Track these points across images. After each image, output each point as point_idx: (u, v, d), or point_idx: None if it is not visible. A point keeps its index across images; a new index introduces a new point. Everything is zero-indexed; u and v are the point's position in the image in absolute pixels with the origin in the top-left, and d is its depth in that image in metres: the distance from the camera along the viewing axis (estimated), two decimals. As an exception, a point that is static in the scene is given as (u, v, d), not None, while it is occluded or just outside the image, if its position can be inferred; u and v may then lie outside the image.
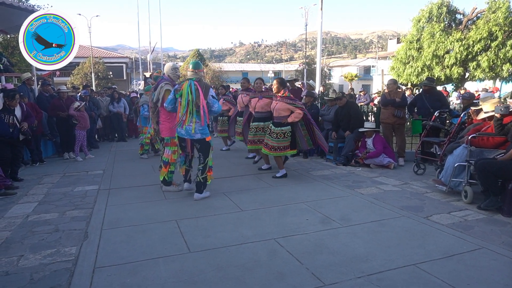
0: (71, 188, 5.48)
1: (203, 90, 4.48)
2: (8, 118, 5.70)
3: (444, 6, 16.37)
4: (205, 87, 4.56)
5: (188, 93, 4.45)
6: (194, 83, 4.49)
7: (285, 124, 5.59)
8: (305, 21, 31.28)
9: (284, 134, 5.61)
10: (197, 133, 4.53)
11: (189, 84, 4.48)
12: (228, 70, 48.77)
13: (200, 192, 4.70)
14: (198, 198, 4.66)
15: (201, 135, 4.57)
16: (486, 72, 15.39)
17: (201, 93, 4.45)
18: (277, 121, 5.66)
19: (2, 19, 8.58)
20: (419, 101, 6.94)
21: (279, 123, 5.63)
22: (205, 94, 4.50)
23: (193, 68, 4.68)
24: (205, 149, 4.68)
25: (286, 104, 5.57)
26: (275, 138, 5.63)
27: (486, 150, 4.47)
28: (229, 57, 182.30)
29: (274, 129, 5.66)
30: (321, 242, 3.35)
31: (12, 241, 3.50)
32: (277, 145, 5.63)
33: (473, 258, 2.99)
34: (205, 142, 4.63)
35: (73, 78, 31.06)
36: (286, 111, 5.58)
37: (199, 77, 4.64)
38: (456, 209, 4.22)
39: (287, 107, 5.57)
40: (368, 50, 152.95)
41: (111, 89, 11.61)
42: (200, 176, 4.64)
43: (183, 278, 2.74)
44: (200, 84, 4.53)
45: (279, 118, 5.64)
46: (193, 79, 4.55)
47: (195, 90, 4.45)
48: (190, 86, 4.46)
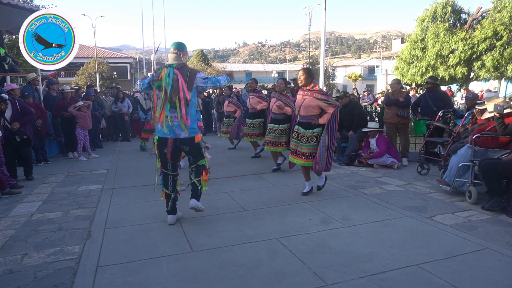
0: (75, 187, 5.52)
1: (186, 80, 3.56)
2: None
3: (449, 6, 16.31)
4: (189, 75, 3.60)
5: (167, 83, 3.56)
6: (174, 71, 3.56)
7: (316, 126, 4.54)
8: (309, 21, 31.26)
9: (317, 137, 4.54)
10: (182, 131, 3.62)
11: (167, 73, 3.57)
12: (232, 70, 48.81)
13: (196, 197, 3.80)
14: (194, 206, 3.76)
15: (190, 133, 3.65)
16: (491, 72, 15.30)
17: (181, 84, 3.53)
18: (305, 122, 4.59)
19: (7, 20, 8.65)
20: (423, 100, 6.91)
21: (308, 124, 4.56)
22: (189, 84, 3.58)
23: (175, 48, 3.66)
24: (194, 151, 3.75)
25: (317, 100, 4.49)
26: (306, 142, 4.56)
27: (490, 150, 4.44)
28: (233, 57, 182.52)
29: (304, 132, 4.59)
30: (324, 242, 3.34)
31: (16, 239, 3.52)
32: (309, 151, 4.56)
33: (476, 258, 2.97)
34: (193, 142, 3.68)
35: (77, 78, 31.27)
36: (317, 108, 4.54)
37: (182, 63, 3.65)
38: (460, 209, 4.20)
39: (317, 104, 4.51)
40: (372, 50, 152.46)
41: (116, 89, 11.66)
42: (194, 178, 3.79)
43: (186, 277, 2.75)
44: (182, 71, 3.59)
45: (307, 118, 4.56)
46: (174, 65, 3.61)
47: (173, 81, 3.54)
48: (169, 75, 3.56)
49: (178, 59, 3.64)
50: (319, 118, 4.53)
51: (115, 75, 33.91)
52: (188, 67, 3.68)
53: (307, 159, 4.58)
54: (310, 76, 4.63)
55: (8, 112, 5.85)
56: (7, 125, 5.77)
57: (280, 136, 5.99)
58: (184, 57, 3.67)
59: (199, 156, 3.78)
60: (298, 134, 4.67)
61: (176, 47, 3.66)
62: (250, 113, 7.38)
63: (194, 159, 3.78)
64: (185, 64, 3.68)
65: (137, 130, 11.98)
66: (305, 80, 4.60)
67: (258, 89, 8.00)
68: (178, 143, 3.68)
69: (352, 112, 6.89)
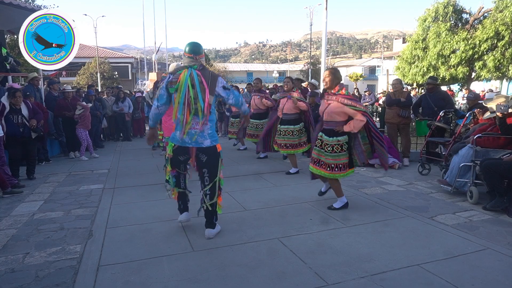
0: (76, 187, 5.53)
1: (208, 82, 3.23)
2: (16, 118, 5.78)
3: (450, 6, 16.27)
4: (211, 78, 3.27)
5: (188, 86, 3.20)
6: (196, 73, 3.23)
7: (341, 134, 4.08)
8: (310, 21, 31.25)
9: (342, 147, 4.08)
10: (206, 138, 3.29)
11: (189, 74, 3.21)
12: (233, 70, 48.90)
13: (212, 226, 3.45)
14: (211, 236, 3.42)
15: (211, 142, 3.31)
16: (492, 72, 15.27)
17: (205, 85, 3.21)
18: (329, 128, 4.13)
19: (9, 20, 8.67)
20: (423, 101, 6.90)
21: (332, 131, 4.11)
22: (211, 87, 3.25)
23: (190, 52, 3.31)
24: (213, 162, 3.35)
25: (343, 105, 4.01)
26: (331, 152, 4.09)
27: (492, 150, 4.44)
28: (234, 57, 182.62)
29: (327, 139, 4.13)
30: (325, 241, 3.34)
31: (18, 238, 3.53)
32: (334, 162, 4.09)
33: (478, 258, 2.97)
34: (215, 152, 3.35)
35: (79, 78, 31.32)
36: (342, 115, 4.05)
37: (202, 64, 3.33)
38: (461, 209, 4.20)
39: (343, 110, 4.02)
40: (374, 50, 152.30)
41: (117, 89, 11.68)
42: (208, 202, 3.38)
43: (187, 276, 2.75)
44: (203, 73, 3.25)
45: (330, 124, 4.11)
46: (194, 66, 3.26)
47: (198, 82, 3.21)
48: (191, 77, 3.21)
49: (195, 61, 3.30)
50: (344, 125, 4.06)
51: (116, 75, 33.96)
52: (209, 70, 3.37)
53: (332, 170, 4.11)
54: (336, 78, 4.13)
55: (24, 110, 5.98)
56: (26, 122, 5.88)
57: (300, 136, 5.93)
58: (200, 59, 3.33)
59: (216, 169, 3.37)
60: (322, 142, 4.18)
61: (191, 50, 3.32)
62: (255, 113, 7.36)
63: (210, 173, 3.35)
64: (204, 67, 3.33)
65: (138, 130, 12.01)
66: (330, 82, 4.11)
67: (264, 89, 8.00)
68: (198, 153, 3.33)
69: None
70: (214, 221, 3.47)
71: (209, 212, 3.42)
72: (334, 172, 4.11)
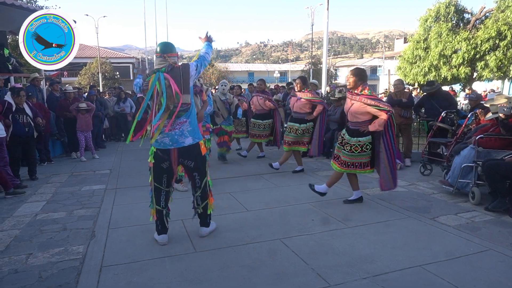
0: (79, 187, 5.54)
1: (180, 82, 3.11)
2: (22, 118, 5.81)
3: (452, 5, 16.24)
4: (182, 75, 3.14)
5: (156, 90, 3.07)
6: (164, 76, 3.08)
7: (365, 134, 4.15)
8: (311, 21, 31.24)
9: (362, 147, 4.17)
10: (186, 137, 3.20)
11: (156, 79, 3.09)
12: (234, 70, 48.93)
13: (206, 225, 3.51)
14: (205, 234, 3.50)
15: (193, 139, 3.23)
16: (494, 72, 15.24)
17: (173, 85, 3.05)
18: (353, 128, 4.22)
19: (11, 21, 8.69)
20: (427, 103, 6.88)
21: (356, 132, 4.19)
22: (185, 86, 3.14)
23: (159, 51, 3.23)
24: (200, 163, 3.34)
25: (366, 105, 4.07)
26: (348, 151, 4.23)
27: (493, 150, 4.43)
28: (235, 57, 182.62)
29: (348, 139, 4.25)
30: (327, 242, 3.35)
31: (21, 239, 3.55)
32: (349, 161, 4.25)
33: (480, 259, 2.97)
34: (199, 150, 3.29)
35: (80, 78, 31.36)
36: (366, 115, 4.12)
37: (170, 64, 3.17)
38: (463, 210, 4.19)
39: (366, 110, 4.09)
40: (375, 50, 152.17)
41: (118, 89, 11.70)
42: (201, 205, 3.42)
43: (189, 277, 2.76)
44: (172, 74, 3.11)
45: (354, 124, 4.20)
46: (162, 69, 3.13)
47: (165, 86, 3.06)
48: (158, 82, 3.08)
49: (164, 61, 3.20)
50: (368, 125, 4.11)
51: (118, 75, 33.99)
52: (179, 66, 3.19)
53: (343, 166, 4.29)
54: (360, 79, 4.16)
55: (27, 110, 6.03)
56: (31, 122, 5.94)
57: (303, 135, 5.95)
58: (170, 58, 3.21)
59: (204, 171, 3.38)
60: (343, 140, 4.34)
61: (160, 49, 3.23)
62: (258, 114, 7.37)
63: (201, 176, 3.36)
64: (175, 65, 3.19)
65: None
66: (353, 83, 4.15)
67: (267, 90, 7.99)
68: (182, 157, 3.26)
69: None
70: (208, 220, 3.52)
71: (202, 213, 3.48)
72: (348, 168, 4.27)
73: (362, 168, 4.26)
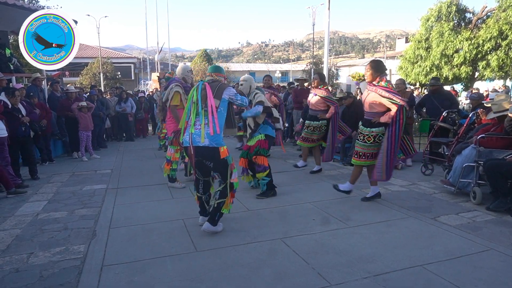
0: (80, 187, 5.55)
1: (214, 90, 3.51)
2: (17, 118, 5.81)
3: (454, 5, 16.22)
4: (218, 87, 3.55)
5: (194, 94, 3.58)
6: (202, 84, 3.59)
7: (376, 125, 4.23)
8: (313, 20, 31.17)
9: (375, 138, 4.24)
10: (204, 138, 3.42)
11: (197, 86, 3.62)
12: (236, 70, 48.88)
13: (213, 222, 3.50)
14: (207, 230, 3.50)
15: (210, 142, 3.40)
16: (496, 72, 15.21)
17: (208, 91, 3.48)
18: (367, 118, 4.31)
19: (13, 21, 8.73)
20: (428, 101, 6.87)
21: (369, 122, 4.28)
22: (217, 93, 3.51)
23: (210, 71, 3.81)
24: (221, 166, 3.50)
25: (380, 96, 4.14)
26: (362, 141, 4.32)
27: (495, 150, 4.42)
28: (236, 57, 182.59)
29: (362, 129, 4.37)
30: (328, 242, 3.35)
31: (22, 238, 3.56)
32: (361, 151, 4.32)
33: (481, 259, 2.96)
34: (217, 154, 3.43)
35: (82, 78, 31.41)
36: (380, 106, 4.18)
37: (215, 80, 3.69)
38: (464, 210, 4.19)
39: (380, 101, 4.17)
40: (376, 50, 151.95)
41: (119, 89, 11.73)
42: (217, 200, 3.53)
43: (190, 276, 2.76)
44: (211, 84, 3.59)
45: (369, 115, 4.29)
46: (205, 80, 3.70)
47: (201, 90, 3.54)
48: (197, 87, 3.60)
49: (211, 78, 3.72)
50: (381, 117, 4.16)
51: (119, 75, 34.04)
52: (220, 82, 3.68)
53: (360, 158, 4.35)
54: (377, 71, 4.22)
55: (22, 110, 6.04)
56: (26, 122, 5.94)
57: (313, 133, 5.95)
58: (217, 77, 3.72)
59: (225, 172, 3.51)
60: (359, 132, 4.44)
61: (211, 70, 3.78)
62: None
63: (222, 176, 3.54)
64: (215, 81, 3.67)
65: (141, 130, 12.05)
66: (371, 76, 4.25)
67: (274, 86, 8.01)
68: (200, 156, 3.49)
69: (356, 113, 6.87)
70: (216, 218, 3.52)
71: (214, 208, 3.52)
72: (360, 159, 4.36)
73: (373, 159, 4.30)
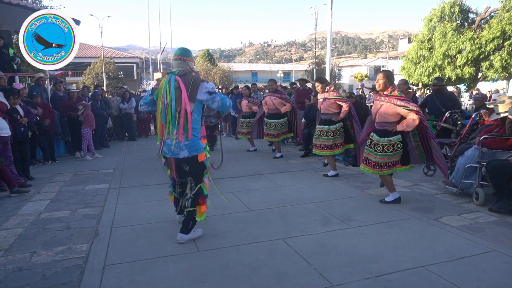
0: (82, 186, 5.57)
1: (188, 88, 3.08)
2: (16, 119, 5.81)
3: (457, 5, 16.18)
4: (192, 83, 3.10)
5: (166, 92, 3.11)
6: (175, 78, 3.12)
7: (394, 133, 4.23)
8: (315, 21, 31.17)
9: (394, 146, 4.24)
10: (182, 149, 3.15)
11: (168, 81, 3.14)
12: (238, 70, 48.89)
13: (185, 231, 3.33)
14: (182, 241, 3.32)
15: (189, 153, 3.17)
16: (499, 72, 15.16)
17: (183, 91, 3.07)
18: (381, 129, 4.30)
19: (16, 21, 8.76)
20: (430, 101, 6.86)
21: (385, 132, 4.26)
22: (192, 94, 3.09)
23: (178, 54, 3.26)
24: (196, 171, 3.30)
25: (396, 106, 4.15)
26: (381, 152, 4.28)
27: (498, 151, 4.40)
28: (239, 57, 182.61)
29: (378, 139, 4.31)
30: (329, 242, 3.34)
31: (25, 237, 3.58)
32: (383, 161, 4.29)
33: (483, 260, 2.96)
34: (195, 162, 3.22)
35: (84, 78, 31.51)
36: (395, 116, 4.21)
37: (186, 70, 3.21)
38: (467, 211, 4.17)
39: (396, 111, 4.18)
40: (379, 50, 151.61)
41: (122, 89, 11.76)
42: (188, 208, 3.30)
43: (192, 276, 2.77)
44: (184, 79, 3.12)
45: (383, 125, 4.27)
46: (176, 72, 3.17)
47: (175, 88, 3.09)
48: (169, 83, 3.13)
49: (182, 65, 3.22)
50: (397, 125, 4.22)
51: (122, 75, 34.11)
52: (193, 75, 3.23)
53: (376, 168, 4.35)
54: (389, 81, 4.28)
55: (20, 110, 6.05)
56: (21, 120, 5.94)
57: (335, 138, 5.73)
58: (189, 63, 3.26)
59: (200, 178, 3.33)
60: (372, 141, 4.40)
61: (179, 52, 3.27)
62: (271, 113, 7.36)
63: (196, 181, 3.32)
64: (190, 72, 3.24)
65: (143, 130, 12.08)
66: (383, 85, 4.28)
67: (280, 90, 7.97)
68: (178, 163, 3.30)
69: (358, 113, 6.86)
70: (190, 227, 3.35)
71: (186, 217, 3.35)
72: (382, 169, 4.33)
73: (394, 167, 4.34)
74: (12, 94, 5.86)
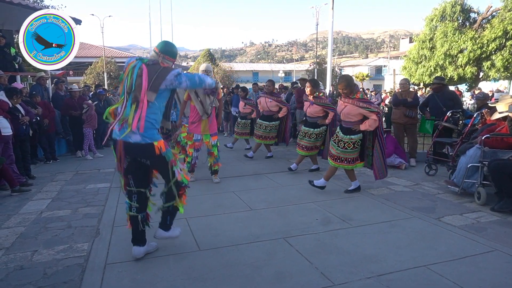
0: (84, 185, 5.57)
1: (152, 78, 2.83)
2: (18, 117, 5.82)
3: (458, 5, 16.14)
4: (158, 73, 2.85)
5: (128, 79, 2.87)
6: (140, 66, 2.88)
7: (356, 132, 4.68)
8: (316, 20, 31.15)
9: (354, 144, 4.69)
10: (135, 133, 2.79)
11: (133, 66, 2.89)
12: (239, 70, 48.94)
13: (165, 227, 3.10)
14: (160, 237, 3.13)
15: (142, 139, 2.80)
16: (501, 72, 15.12)
17: (144, 80, 2.80)
18: (346, 127, 4.74)
19: (18, 20, 8.77)
20: (432, 101, 6.85)
21: (348, 130, 4.71)
22: (155, 83, 2.82)
23: (159, 48, 3.00)
24: (160, 164, 2.94)
25: (358, 107, 4.59)
26: (342, 148, 4.72)
27: (500, 151, 4.39)
28: (240, 57, 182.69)
29: (342, 136, 4.74)
30: (331, 242, 3.34)
31: (26, 236, 3.58)
32: (343, 156, 4.74)
33: (485, 260, 2.95)
34: (152, 152, 2.84)
35: (86, 77, 31.57)
36: (357, 116, 4.64)
37: (157, 61, 2.95)
38: (468, 210, 4.16)
39: (358, 112, 4.61)
40: (380, 50, 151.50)
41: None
42: (164, 204, 3.06)
43: (193, 275, 2.77)
44: (150, 68, 2.87)
45: (348, 123, 4.72)
46: (145, 60, 2.94)
47: (137, 75, 2.84)
48: (133, 70, 2.87)
49: (156, 57, 2.97)
50: (360, 125, 4.65)
51: (123, 75, 34.14)
52: (162, 66, 2.93)
53: (336, 161, 4.80)
54: (349, 85, 4.74)
55: (21, 109, 6.05)
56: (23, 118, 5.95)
57: (316, 140, 5.90)
58: (165, 61, 2.97)
59: (166, 170, 2.95)
60: (337, 137, 4.82)
61: (160, 47, 3.00)
62: (265, 115, 7.30)
63: (163, 175, 2.99)
64: (157, 63, 2.94)
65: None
66: (347, 90, 4.72)
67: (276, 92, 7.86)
68: (133, 155, 2.92)
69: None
70: (168, 223, 3.09)
71: (163, 212, 3.09)
72: (341, 163, 4.78)
73: (353, 163, 4.78)
74: (16, 93, 5.87)
